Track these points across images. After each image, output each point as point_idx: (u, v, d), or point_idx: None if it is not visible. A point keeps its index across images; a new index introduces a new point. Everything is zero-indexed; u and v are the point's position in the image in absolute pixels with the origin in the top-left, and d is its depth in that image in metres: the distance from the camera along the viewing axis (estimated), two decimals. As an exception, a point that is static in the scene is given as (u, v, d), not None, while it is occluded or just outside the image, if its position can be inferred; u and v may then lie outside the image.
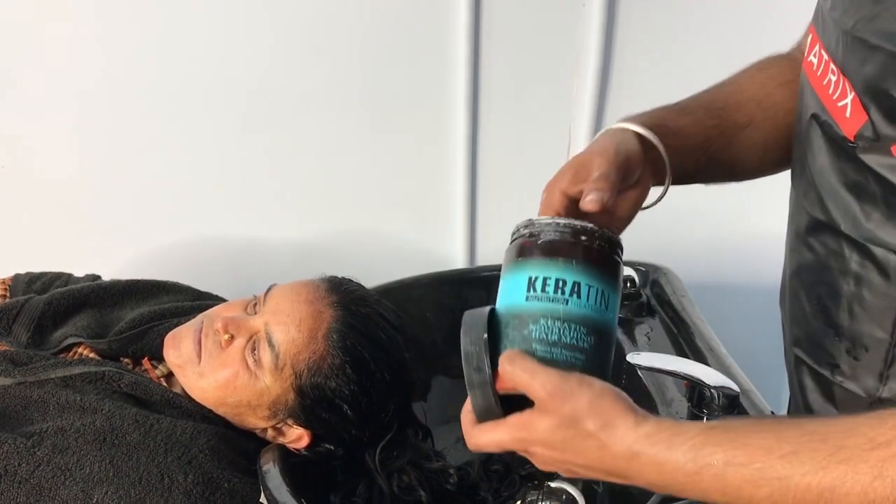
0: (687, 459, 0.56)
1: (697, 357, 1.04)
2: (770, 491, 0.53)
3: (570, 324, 0.64)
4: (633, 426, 0.58)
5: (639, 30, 1.40)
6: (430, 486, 0.96)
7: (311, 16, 1.34)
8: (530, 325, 0.64)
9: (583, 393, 0.60)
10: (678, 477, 0.56)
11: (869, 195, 0.66)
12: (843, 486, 0.50)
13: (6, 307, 1.04)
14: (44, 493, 0.82)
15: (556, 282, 0.64)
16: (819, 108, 0.71)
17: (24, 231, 1.43)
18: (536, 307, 0.64)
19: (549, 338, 0.63)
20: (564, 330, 0.63)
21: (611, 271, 0.67)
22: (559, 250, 0.65)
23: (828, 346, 0.75)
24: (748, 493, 0.54)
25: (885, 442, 0.50)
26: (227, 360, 0.93)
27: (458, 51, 1.37)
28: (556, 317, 0.64)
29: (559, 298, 0.64)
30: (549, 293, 0.64)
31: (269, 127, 1.41)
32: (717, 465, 0.54)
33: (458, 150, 1.45)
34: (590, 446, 0.60)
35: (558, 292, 0.64)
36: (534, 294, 0.65)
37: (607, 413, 0.59)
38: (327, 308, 0.95)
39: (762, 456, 0.53)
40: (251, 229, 1.49)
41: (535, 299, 0.65)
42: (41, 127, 1.35)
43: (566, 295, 0.64)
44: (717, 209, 1.52)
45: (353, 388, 0.93)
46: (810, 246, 0.76)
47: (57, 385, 0.93)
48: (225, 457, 0.90)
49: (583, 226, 0.66)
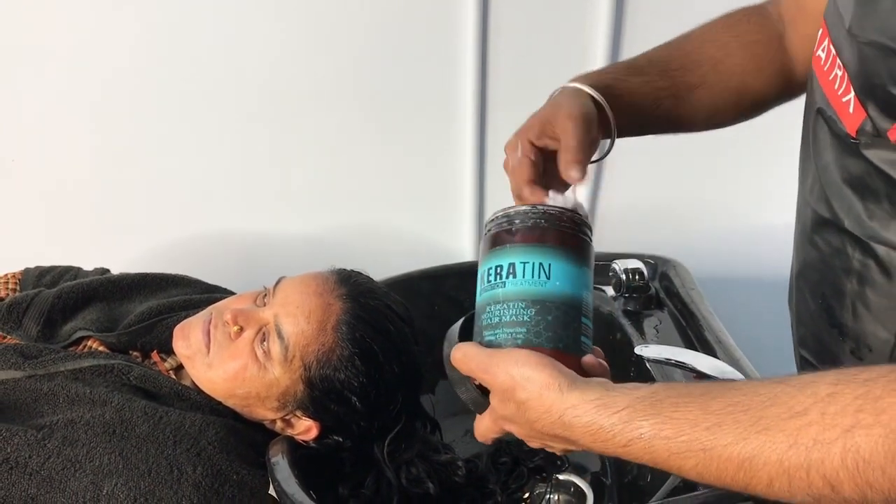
0: (616, 432, 0.57)
1: (706, 350, 1.03)
2: (696, 462, 0.54)
3: (508, 303, 0.67)
4: (559, 396, 0.59)
5: (647, 27, 1.40)
6: (438, 479, 0.96)
7: (321, 11, 1.34)
8: (482, 317, 0.69)
9: (505, 363, 0.62)
10: (609, 447, 0.58)
11: (872, 192, 0.65)
12: (760, 455, 0.51)
13: (16, 301, 1.05)
14: (54, 484, 0.82)
15: (496, 268, 0.69)
16: (824, 104, 0.71)
17: (33, 225, 1.43)
18: (483, 298, 0.69)
19: (492, 321, 0.67)
20: (504, 310, 0.67)
21: (548, 241, 0.69)
22: (498, 240, 0.70)
23: (832, 347, 0.74)
24: (676, 464, 0.55)
25: (802, 411, 0.50)
26: (237, 352, 0.93)
27: (466, 45, 1.37)
28: (496, 300, 0.68)
29: (498, 283, 0.68)
30: (491, 281, 0.69)
31: (279, 122, 1.41)
32: (645, 438, 0.55)
33: (466, 144, 1.45)
34: (532, 418, 0.61)
35: (496, 278, 0.68)
36: (482, 287, 0.70)
37: (532, 382, 0.60)
38: (336, 300, 0.95)
39: (688, 429, 0.54)
40: (260, 223, 1.50)
41: (482, 292, 0.70)
42: (51, 122, 1.36)
43: (503, 278, 0.68)
44: (727, 202, 1.52)
45: (361, 380, 0.93)
46: (815, 244, 0.75)
47: (67, 378, 0.94)
48: (234, 449, 0.90)
49: (515, 210, 0.70)
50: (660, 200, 0.86)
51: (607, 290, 1.23)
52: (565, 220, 0.70)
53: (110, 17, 1.29)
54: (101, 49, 1.31)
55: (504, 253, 0.69)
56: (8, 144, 1.36)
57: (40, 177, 1.39)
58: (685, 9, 1.40)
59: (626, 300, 1.20)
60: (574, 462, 1.06)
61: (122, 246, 1.42)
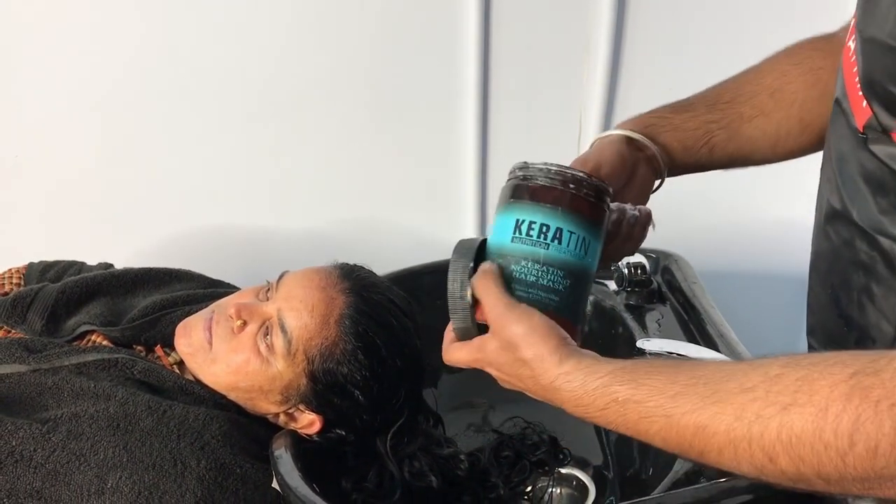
0: (596, 396, 0.61)
1: (708, 344, 1.03)
2: (659, 427, 0.58)
3: (549, 267, 0.69)
4: (558, 363, 0.63)
5: (649, 17, 1.40)
6: (440, 472, 0.96)
7: (322, 7, 1.34)
8: (512, 266, 0.69)
9: (522, 322, 0.66)
10: (590, 410, 0.62)
11: (883, 186, 0.65)
12: (711, 425, 0.55)
13: (20, 295, 1.05)
14: (59, 478, 0.83)
15: (541, 227, 0.69)
16: (842, 95, 0.71)
17: (37, 220, 1.44)
18: (519, 249, 0.69)
19: (528, 279, 0.69)
20: (542, 272, 0.69)
21: (595, 219, 0.71)
22: (546, 196, 0.70)
23: (838, 337, 0.75)
24: (644, 428, 0.60)
25: (751, 387, 0.54)
26: (239, 346, 0.94)
27: (468, 40, 1.37)
28: (536, 259, 0.69)
29: (541, 242, 0.69)
30: (532, 237, 0.69)
31: (282, 118, 1.41)
32: (620, 402, 0.60)
33: (468, 139, 1.45)
34: (524, 374, 0.66)
35: (541, 237, 0.69)
36: (518, 236, 0.70)
37: (539, 345, 0.64)
38: (339, 294, 0.95)
39: (656, 395, 0.59)
40: (263, 218, 1.50)
41: (519, 241, 0.70)
42: (54, 119, 1.36)
43: (548, 240, 0.69)
44: (730, 196, 1.52)
45: (364, 374, 0.94)
46: (827, 234, 0.75)
47: (71, 372, 0.94)
48: (237, 442, 0.91)
49: (573, 174, 0.70)
50: (662, 195, 0.86)
51: (609, 285, 1.23)
52: (607, 201, 0.73)
53: (112, 15, 1.29)
54: (103, 47, 1.31)
55: (554, 214, 0.69)
56: (12, 141, 1.36)
57: (44, 173, 1.40)
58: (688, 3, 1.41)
59: (629, 294, 1.20)
60: (576, 456, 1.06)
61: (126, 241, 1.42)
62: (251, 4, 1.32)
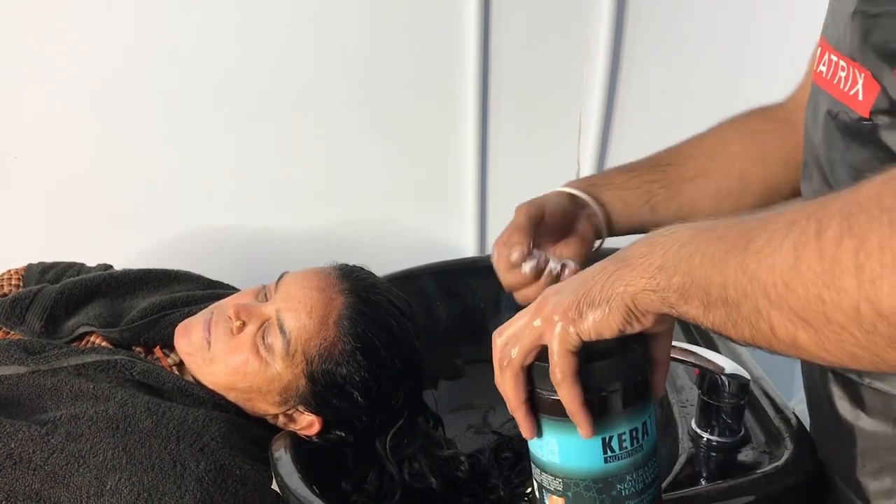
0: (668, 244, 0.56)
1: (708, 345, 1.03)
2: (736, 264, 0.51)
3: (648, 464, 0.64)
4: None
5: (649, 17, 1.40)
6: (440, 473, 0.96)
7: (323, 7, 1.33)
8: (619, 486, 0.63)
9: None
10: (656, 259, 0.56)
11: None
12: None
13: (19, 296, 1.05)
14: (58, 479, 0.82)
15: (630, 432, 0.62)
16: (832, 104, 0.71)
17: (36, 222, 1.44)
18: (622, 465, 0.63)
19: (637, 488, 0.63)
20: (645, 473, 0.63)
21: (649, 396, 0.65)
22: (633, 397, 0.63)
23: None
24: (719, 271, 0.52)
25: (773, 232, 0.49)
26: (238, 347, 0.94)
27: (467, 40, 1.37)
28: (636, 466, 0.63)
29: (636, 447, 0.63)
30: (627, 447, 0.62)
31: (282, 118, 1.41)
32: (693, 243, 0.54)
33: (468, 140, 1.45)
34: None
35: (634, 442, 0.63)
36: (612, 454, 0.62)
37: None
38: (338, 295, 0.95)
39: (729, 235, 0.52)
40: (262, 219, 1.50)
41: (619, 456, 0.62)
42: (53, 119, 1.36)
43: (640, 441, 0.63)
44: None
45: (363, 375, 0.93)
46: None
47: (70, 373, 0.94)
48: (236, 444, 0.90)
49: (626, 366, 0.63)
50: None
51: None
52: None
53: (112, 15, 1.29)
54: (103, 47, 1.31)
55: (638, 412, 0.63)
56: (10, 142, 1.36)
57: (43, 174, 1.39)
58: (688, 3, 1.41)
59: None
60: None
61: (125, 242, 1.42)
62: (251, 4, 1.32)
